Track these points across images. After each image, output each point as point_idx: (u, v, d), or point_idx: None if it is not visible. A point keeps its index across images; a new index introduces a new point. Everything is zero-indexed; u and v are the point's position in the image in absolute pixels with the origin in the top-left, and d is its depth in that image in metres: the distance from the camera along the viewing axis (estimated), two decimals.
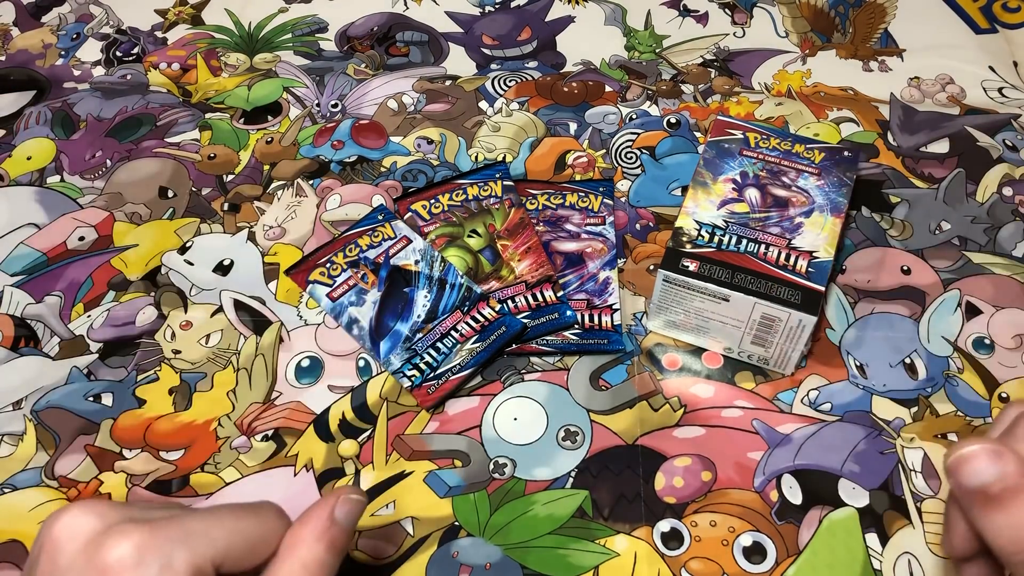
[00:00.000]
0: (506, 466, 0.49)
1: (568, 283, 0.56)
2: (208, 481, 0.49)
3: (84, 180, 0.66)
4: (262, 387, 0.53)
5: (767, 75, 0.72)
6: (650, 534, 0.46)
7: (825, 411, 0.51)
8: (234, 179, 0.65)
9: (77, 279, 0.59)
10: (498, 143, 0.67)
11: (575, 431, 0.50)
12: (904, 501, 0.47)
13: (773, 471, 0.48)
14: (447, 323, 0.53)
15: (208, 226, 0.62)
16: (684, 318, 0.52)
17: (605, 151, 0.66)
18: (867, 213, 0.61)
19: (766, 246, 0.50)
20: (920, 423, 0.50)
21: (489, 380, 0.53)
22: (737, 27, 0.77)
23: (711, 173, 0.54)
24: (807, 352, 0.53)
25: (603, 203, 0.60)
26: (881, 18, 0.77)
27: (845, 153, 0.55)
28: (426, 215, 0.60)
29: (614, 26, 0.77)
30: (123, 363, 0.54)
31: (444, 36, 0.77)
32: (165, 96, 0.72)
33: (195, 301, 0.58)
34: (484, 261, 0.57)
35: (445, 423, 0.51)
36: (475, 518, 0.47)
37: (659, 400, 0.51)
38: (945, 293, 0.56)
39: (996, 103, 0.68)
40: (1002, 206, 0.61)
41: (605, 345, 0.53)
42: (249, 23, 0.79)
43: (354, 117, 0.69)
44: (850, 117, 0.67)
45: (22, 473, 0.50)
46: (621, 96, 0.70)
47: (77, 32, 0.79)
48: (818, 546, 0.45)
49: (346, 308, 0.55)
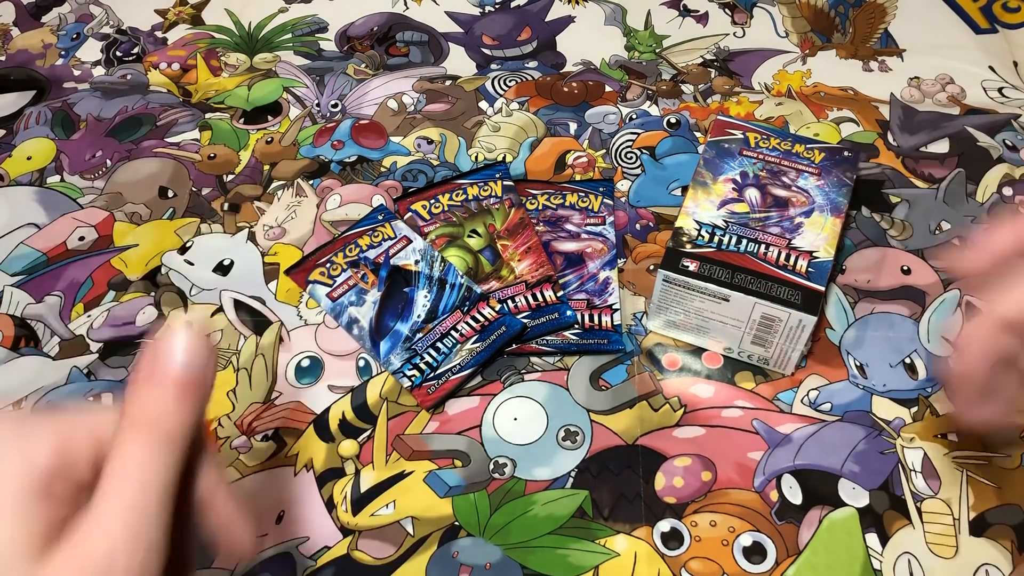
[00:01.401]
0: (506, 466, 0.49)
1: (568, 283, 0.56)
2: None
3: (84, 180, 0.66)
4: (262, 387, 0.53)
5: (767, 75, 0.72)
6: (650, 534, 0.46)
7: (825, 411, 0.51)
8: (234, 179, 0.65)
9: (77, 279, 0.59)
10: (498, 143, 0.67)
11: (575, 431, 0.50)
12: (904, 501, 0.47)
13: (773, 471, 0.48)
14: (447, 323, 0.53)
15: (208, 226, 0.62)
16: (684, 318, 0.52)
17: (605, 151, 0.66)
18: (867, 213, 0.61)
19: (766, 246, 0.50)
20: (920, 423, 0.50)
21: (489, 380, 0.53)
22: (737, 27, 0.77)
23: (711, 173, 0.54)
24: (807, 352, 0.53)
25: (603, 203, 0.60)
26: (881, 18, 0.77)
27: (845, 153, 0.55)
28: (426, 215, 0.60)
29: (614, 26, 0.77)
30: (123, 363, 0.54)
31: (444, 36, 0.77)
32: (165, 96, 0.72)
33: (195, 301, 0.58)
34: (484, 261, 0.57)
35: (445, 423, 0.51)
36: (475, 518, 0.47)
37: (659, 400, 0.51)
38: (945, 293, 0.56)
39: (996, 103, 0.68)
40: (1002, 206, 0.61)
41: (605, 345, 0.53)
42: (249, 23, 0.79)
43: (354, 117, 0.69)
44: (850, 117, 0.67)
45: None
46: (621, 96, 0.70)
47: (77, 32, 0.79)
48: (818, 546, 0.45)
49: (346, 308, 0.55)
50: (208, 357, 0.27)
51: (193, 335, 0.27)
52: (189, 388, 0.26)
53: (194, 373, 0.27)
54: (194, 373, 0.27)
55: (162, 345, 0.26)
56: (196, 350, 0.27)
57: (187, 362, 0.26)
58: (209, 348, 0.27)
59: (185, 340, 0.27)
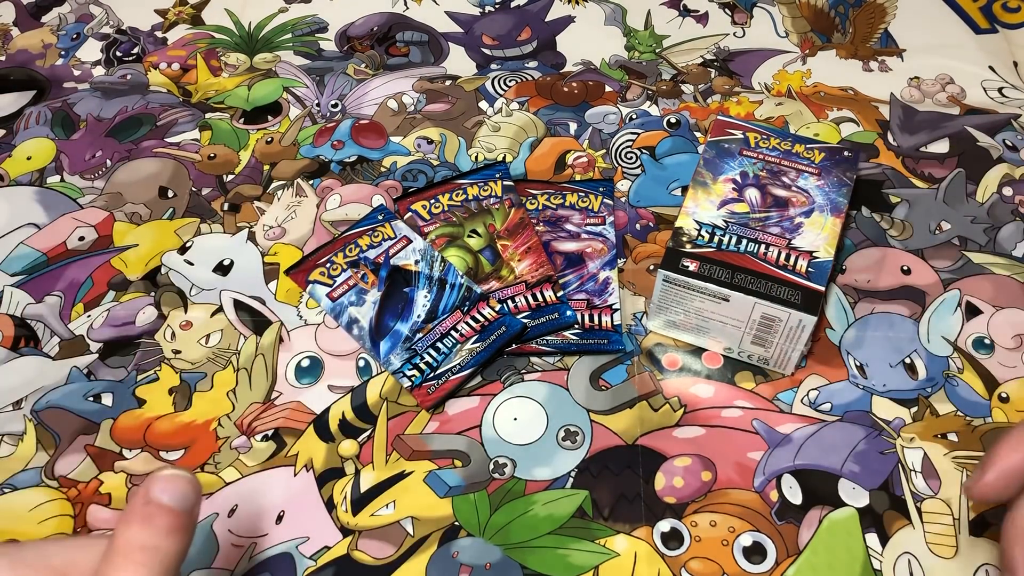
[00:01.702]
0: (506, 466, 0.49)
1: (568, 283, 0.56)
2: (208, 481, 0.49)
3: (84, 180, 0.66)
4: (262, 387, 0.53)
5: (767, 75, 0.72)
6: (650, 534, 0.46)
7: (825, 411, 0.51)
8: (234, 179, 0.65)
9: (77, 279, 0.59)
10: (498, 143, 0.67)
11: (575, 431, 0.50)
12: (904, 501, 0.47)
13: (773, 471, 0.48)
14: (447, 323, 0.53)
15: (208, 226, 0.62)
16: (684, 318, 0.52)
17: (605, 151, 0.66)
18: (867, 213, 0.61)
19: (766, 246, 0.50)
20: (920, 423, 0.50)
21: (489, 380, 0.53)
22: (737, 27, 0.77)
23: (711, 173, 0.54)
24: (807, 352, 0.53)
25: (603, 203, 0.60)
26: (881, 18, 0.77)
27: (845, 153, 0.55)
28: (426, 215, 0.60)
29: (614, 26, 0.77)
30: (123, 363, 0.54)
31: (444, 36, 0.77)
32: (165, 96, 0.72)
33: (195, 301, 0.58)
34: (484, 261, 0.57)
35: (445, 423, 0.51)
36: (475, 518, 0.47)
37: (659, 400, 0.51)
38: (945, 293, 0.56)
39: (996, 103, 0.68)
40: (1002, 206, 0.61)
41: (605, 345, 0.53)
42: (249, 23, 0.79)
43: (354, 117, 0.69)
44: (850, 117, 0.67)
45: (22, 473, 0.50)
46: (621, 96, 0.70)
47: (77, 32, 0.79)
48: (818, 546, 0.45)
49: (346, 308, 0.55)
50: (197, 495, 0.30)
51: (183, 473, 0.30)
52: (181, 521, 0.29)
53: (185, 508, 0.29)
54: (185, 508, 0.29)
55: (154, 483, 0.29)
56: (187, 487, 0.30)
57: (180, 497, 0.29)
58: (197, 487, 0.30)
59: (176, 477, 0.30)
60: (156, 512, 0.29)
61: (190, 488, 0.30)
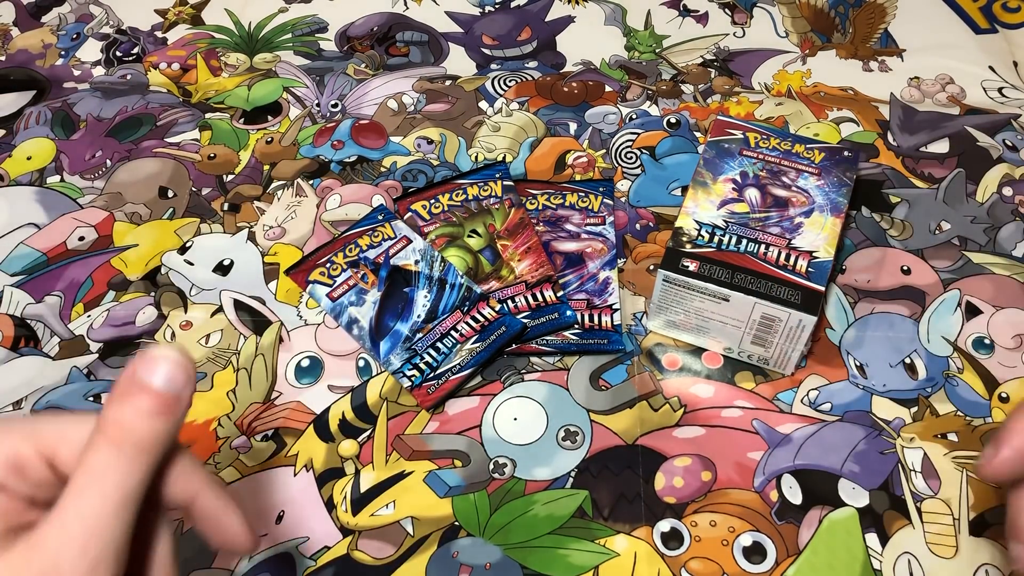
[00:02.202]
0: (506, 466, 0.49)
1: (568, 283, 0.56)
2: None
3: (84, 180, 0.66)
4: (262, 387, 0.53)
5: (767, 75, 0.72)
6: (650, 534, 0.46)
7: (825, 411, 0.51)
8: (234, 179, 0.65)
9: (77, 279, 0.59)
10: (498, 143, 0.67)
11: (575, 431, 0.50)
12: (904, 501, 0.47)
13: (773, 471, 0.48)
14: (447, 323, 0.53)
15: (208, 226, 0.62)
16: (684, 318, 0.52)
17: (605, 151, 0.66)
18: (867, 213, 0.61)
19: (766, 246, 0.50)
20: (920, 423, 0.50)
21: (489, 380, 0.53)
22: (737, 27, 0.77)
23: (711, 173, 0.54)
24: (807, 352, 0.53)
25: (603, 203, 0.60)
26: (881, 18, 0.77)
27: (845, 153, 0.55)
28: (426, 215, 0.60)
29: (614, 26, 0.77)
30: (123, 363, 0.54)
31: (444, 36, 0.77)
32: (165, 96, 0.72)
33: (195, 301, 0.58)
34: (484, 261, 0.57)
35: (445, 423, 0.51)
36: (475, 518, 0.47)
37: (659, 400, 0.51)
38: (945, 293, 0.56)
39: (996, 103, 0.68)
40: (1002, 206, 0.61)
41: (605, 345, 0.53)
42: (249, 23, 0.79)
43: (354, 117, 0.69)
44: (850, 117, 0.67)
45: None
46: (621, 96, 0.70)
47: (77, 32, 0.79)
48: (818, 546, 0.45)
49: (346, 308, 0.55)
50: (187, 378, 0.28)
51: (175, 355, 0.27)
52: (165, 403, 0.27)
53: (171, 390, 0.27)
54: (171, 390, 0.27)
55: (143, 361, 0.27)
56: (176, 369, 0.27)
57: (166, 379, 0.27)
58: (190, 371, 0.28)
59: (166, 358, 0.27)
60: (139, 392, 0.27)
61: (178, 371, 0.27)
